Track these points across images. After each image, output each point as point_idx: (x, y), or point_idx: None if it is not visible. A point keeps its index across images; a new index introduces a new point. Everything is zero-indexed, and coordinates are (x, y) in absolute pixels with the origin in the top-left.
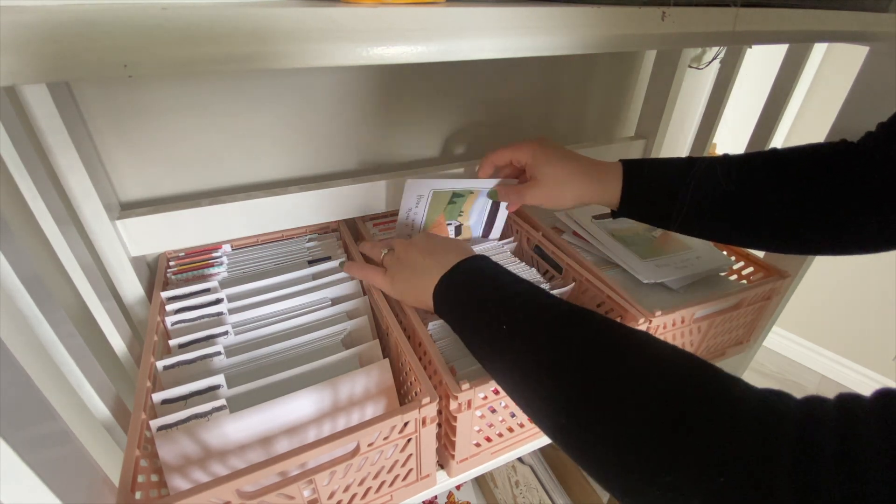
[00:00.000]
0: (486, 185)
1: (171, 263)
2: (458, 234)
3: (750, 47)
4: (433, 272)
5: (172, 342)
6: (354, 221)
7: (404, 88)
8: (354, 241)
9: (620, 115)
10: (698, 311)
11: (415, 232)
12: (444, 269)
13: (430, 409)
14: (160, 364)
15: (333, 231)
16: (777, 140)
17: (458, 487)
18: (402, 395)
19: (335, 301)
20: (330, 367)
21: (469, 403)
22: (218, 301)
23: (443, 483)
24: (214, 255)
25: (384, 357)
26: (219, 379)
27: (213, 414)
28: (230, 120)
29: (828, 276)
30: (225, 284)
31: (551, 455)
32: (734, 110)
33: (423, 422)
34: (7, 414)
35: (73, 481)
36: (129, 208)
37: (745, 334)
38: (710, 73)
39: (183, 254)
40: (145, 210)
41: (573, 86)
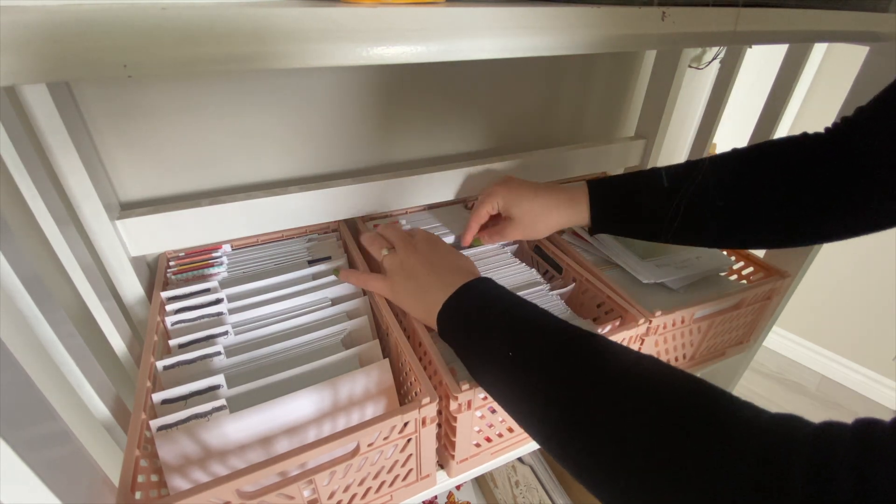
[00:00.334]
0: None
1: (171, 263)
2: None
3: (750, 47)
4: (437, 292)
5: (172, 342)
6: (354, 221)
7: (404, 88)
8: (355, 241)
9: (620, 115)
10: (698, 311)
11: None
12: (449, 292)
13: (430, 410)
14: (160, 364)
15: (333, 231)
16: None
17: (458, 487)
18: (402, 396)
19: (335, 301)
20: (330, 367)
21: (469, 404)
22: (218, 301)
23: (443, 483)
24: (214, 255)
25: (384, 357)
26: (219, 379)
27: (213, 414)
28: (230, 120)
29: (828, 276)
30: (225, 284)
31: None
32: (734, 110)
33: (423, 422)
34: (7, 414)
35: (73, 481)
36: (129, 208)
37: (745, 334)
38: (710, 73)
39: (183, 254)
40: (145, 210)
41: (573, 86)
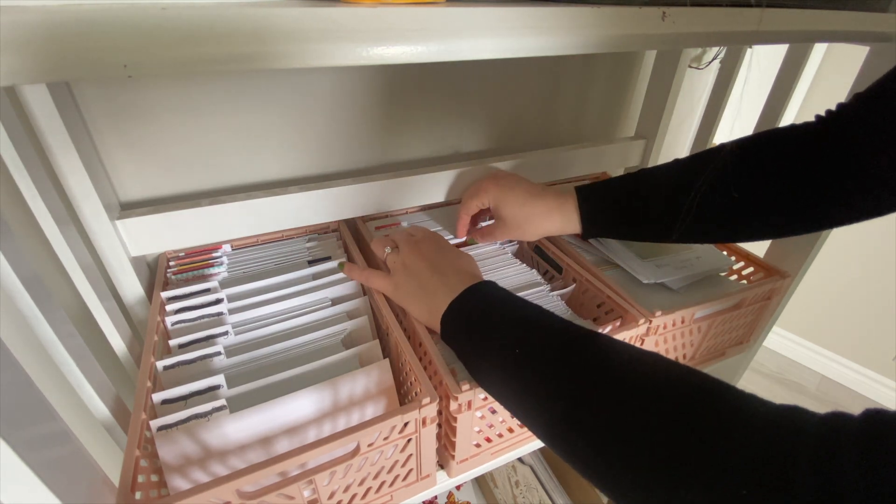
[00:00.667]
0: (464, 238)
1: (171, 263)
2: None
3: (749, 47)
4: (441, 294)
5: (172, 342)
6: (354, 221)
7: (404, 88)
8: (354, 241)
9: (620, 115)
10: (698, 312)
11: None
12: (453, 294)
13: (430, 410)
14: (160, 364)
15: (333, 231)
16: None
17: (458, 487)
18: (402, 396)
19: (335, 301)
20: (330, 367)
21: (469, 404)
22: (218, 301)
23: (443, 483)
24: (214, 255)
25: (384, 357)
26: (219, 379)
27: (213, 414)
28: (230, 120)
29: (828, 276)
30: (225, 284)
31: (551, 455)
32: (734, 110)
33: (423, 422)
34: (7, 414)
35: (73, 481)
36: (129, 208)
37: (745, 334)
38: (710, 73)
39: (183, 254)
40: (145, 210)
41: (573, 86)
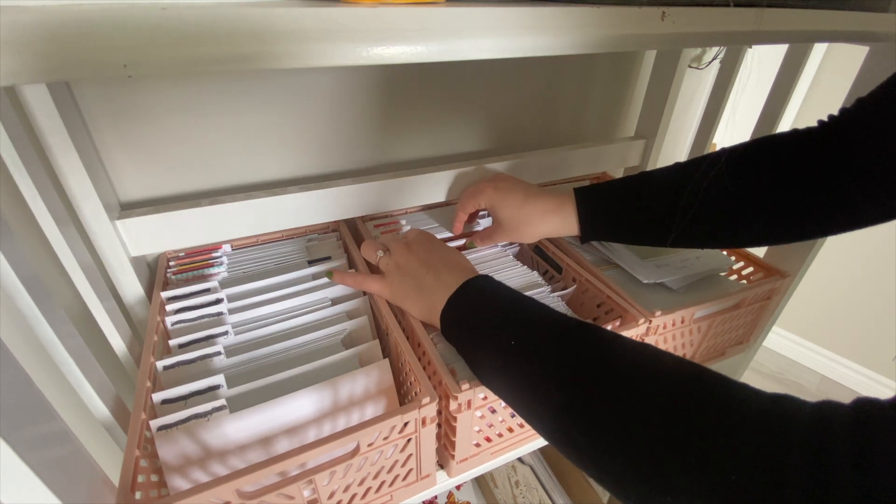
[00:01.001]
0: (462, 241)
1: (171, 263)
2: None
3: (750, 47)
4: (437, 291)
5: (172, 342)
6: (354, 221)
7: (404, 88)
8: (354, 241)
9: (620, 115)
10: (698, 311)
11: None
12: (449, 291)
13: (430, 409)
14: (160, 364)
15: (333, 231)
16: None
17: (458, 487)
18: (402, 396)
19: (335, 301)
20: (330, 367)
21: (469, 403)
22: (218, 301)
23: (443, 483)
24: (214, 255)
25: (384, 357)
26: (219, 379)
27: (213, 414)
28: (230, 120)
29: (828, 276)
30: (225, 284)
31: (551, 455)
32: (734, 110)
33: (423, 422)
34: (7, 414)
35: (73, 481)
36: (129, 208)
37: (745, 334)
38: (710, 73)
39: (183, 254)
40: (145, 210)
41: (573, 86)
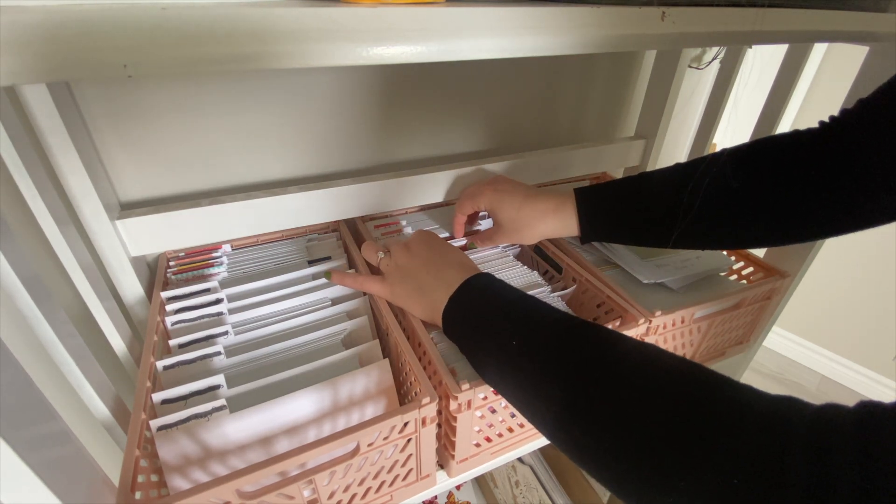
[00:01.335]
0: (463, 241)
1: (171, 263)
2: None
3: (750, 47)
4: (438, 291)
5: (172, 342)
6: (354, 221)
7: (404, 88)
8: (354, 241)
9: (620, 115)
10: (698, 311)
11: None
12: (450, 290)
13: (430, 409)
14: (160, 364)
15: (333, 231)
16: None
17: (458, 487)
18: (402, 395)
19: (335, 301)
20: (330, 367)
21: (469, 403)
22: (218, 301)
23: (443, 483)
24: (214, 255)
25: (384, 357)
26: (219, 379)
27: (213, 414)
28: (230, 120)
29: (828, 276)
30: (225, 284)
31: (551, 455)
32: (734, 110)
33: (423, 422)
34: (7, 414)
35: (73, 481)
36: (129, 208)
37: (745, 334)
38: (710, 73)
39: (183, 254)
40: (145, 210)
41: (573, 86)
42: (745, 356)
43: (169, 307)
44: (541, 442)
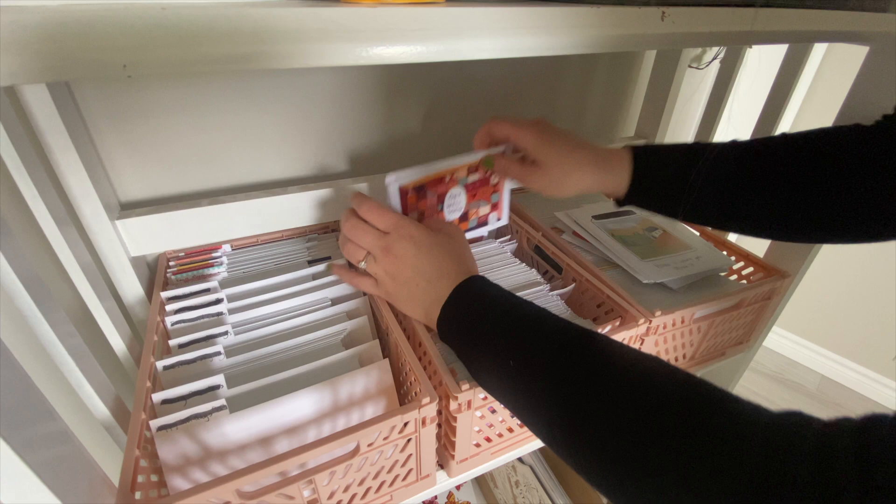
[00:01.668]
0: (479, 155)
1: (171, 263)
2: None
3: (750, 47)
4: (431, 300)
5: (172, 342)
6: None
7: (404, 88)
8: None
9: (620, 115)
10: (698, 311)
11: None
12: (443, 297)
13: (430, 410)
14: (160, 364)
15: (333, 231)
16: None
17: (458, 487)
18: (402, 396)
19: (335, 301)
20: (330, 367)
21: (469, 403)
22: (218, 301)
23: (443, 483)
24: (214, 255)
25: (384, 357)
26: (219, 379)
27: (213, 414)
28: (230, 120)
29: (828, 276)
30: (225, 284)
31: (551, 455)
32: (734, 110)
33: (423, 422)
34: (7, 414)
35: (73, 481)
36: (129, 208)
37: (745, 334)
38: (710, 73)
39: (183, 254)
40: (145, 210)
41: (573, 86)
42: (745, 356)
43: (169, 307)
44: (541, 442)
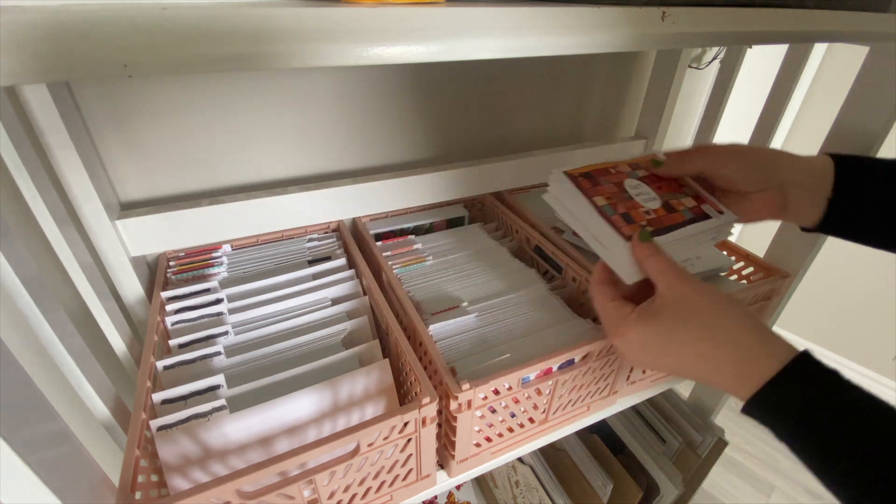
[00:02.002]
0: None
1: (171, 263)
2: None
3: (750, 47)
4: (746, 355)
5: (172, 342)
6: (354, 221)
7: (404, 88)
8: (354, 241)
9: (620, 115)
10: None
11: None
12: (774, 358)
13: (430, 409)
14: (160, 364)
15: (333, 231)
16: (777, 140)
17: (458, 487)
18: (402, 395)
19: (335, 301)
20: (330, 367)
21: (469, 403)
22: (218, 301)
23: (443, 483)
24: (214, 255)
25: (384, 357)
26: (219, 379)
27: (213, 414)
28: (230, 120)
29: (828, 276)
30: (225, 284)
31: (551, 455)
32: (734, 110)
33: (423, 422)
34: (7, 414)
35: (73, 481)
36: (129, 208)
37: None
38: (710, 73)
39: (183, 254)
40: (145, 210)
41: (573, 86)
42: None
43: (169, 307)
44: (541, 442)
